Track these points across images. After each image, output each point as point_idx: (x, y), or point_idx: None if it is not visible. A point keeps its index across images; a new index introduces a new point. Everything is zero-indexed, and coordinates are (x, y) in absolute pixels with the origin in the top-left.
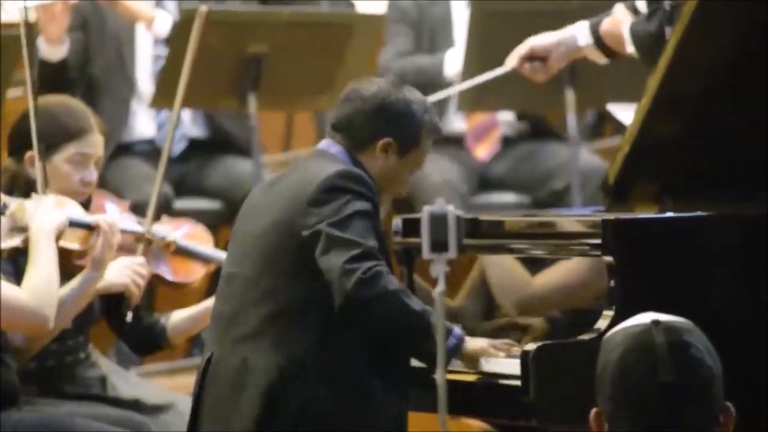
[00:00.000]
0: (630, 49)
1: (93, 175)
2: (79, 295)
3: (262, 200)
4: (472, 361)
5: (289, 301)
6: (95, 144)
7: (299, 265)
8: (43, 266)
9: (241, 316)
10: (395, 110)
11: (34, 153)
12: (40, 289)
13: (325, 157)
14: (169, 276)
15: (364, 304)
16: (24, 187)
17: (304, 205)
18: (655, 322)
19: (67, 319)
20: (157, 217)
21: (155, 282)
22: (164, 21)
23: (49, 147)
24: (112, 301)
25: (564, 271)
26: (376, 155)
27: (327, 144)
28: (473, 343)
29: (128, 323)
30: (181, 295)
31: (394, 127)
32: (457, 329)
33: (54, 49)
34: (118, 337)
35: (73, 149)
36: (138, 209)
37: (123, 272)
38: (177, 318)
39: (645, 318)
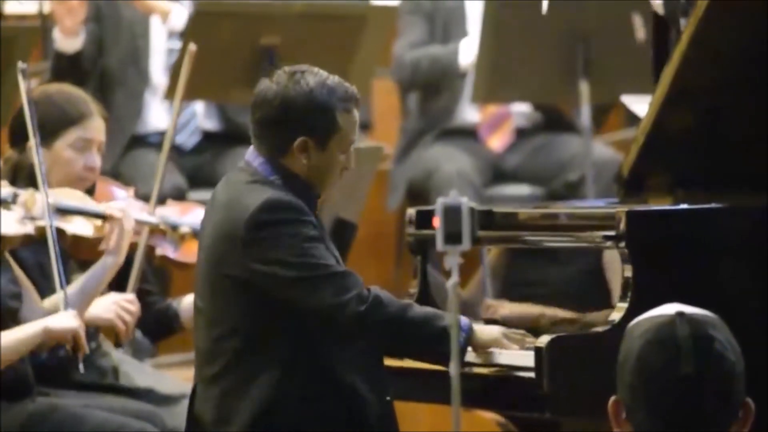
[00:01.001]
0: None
1: (96, 160)
2: (98, 281)
3: (204, 223)
4: (485, 350)
5: (251, 335)
6: (97, 129)
7: (249, 301)
8: (12, 342)
9: (211, 354)
10: (297, 107)
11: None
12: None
13: (248, 174)
14: (180, 258)
15: (370, 335)
16: (27, 177)
17: (239, 248)
18: (680, 314)
19: (88, 305)
20: (161, 203)
21: (168, 265)
22: (180, 14)
23: (51, 134)
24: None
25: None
26: (296, 157)
27: (252, 155)
28: (485, 333)
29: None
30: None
31: (303, 126)
32: (465, 320)
33: (69, 41)
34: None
35: (75, 135)
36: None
37: (110, 308)
38: (188, 301)
39: (670, 309)
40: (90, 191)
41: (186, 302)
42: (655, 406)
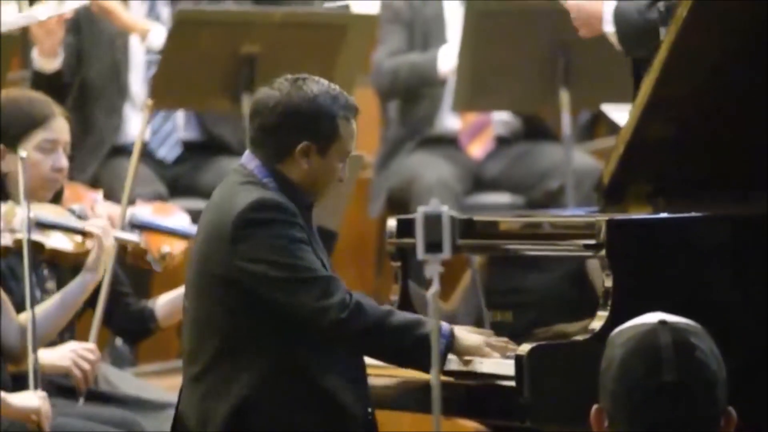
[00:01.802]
0: (608, 28)
1: (63, 160)
2: (75, 297)
3: (199, 229)
4: (466, 357)
5: (232, 336)
6: (61, 129)
7: (231, 301)
8: None
9: (195, 354)
10: (302, 113)
11: (1, 146)
12: None
13: (242, 175)
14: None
15: (351, 342)
16: None
17: (227, 245)
18: (662, 322)
19: (66, 318)
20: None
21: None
22: (158, 33)
23: (17, 137)
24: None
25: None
26: (297, 162)
27: (248, 158)
28: (467, 340)
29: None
30: (173, 276)
31: (306, 131)
32: (446, 326)
33: (48, 61)
34: (108, 326)
35: (40, 136)
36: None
37: (67, 356)
38: (163, 300)
39: (652, 318)
40: (59, 194)
41: (161, 301)
42: (637, 414)
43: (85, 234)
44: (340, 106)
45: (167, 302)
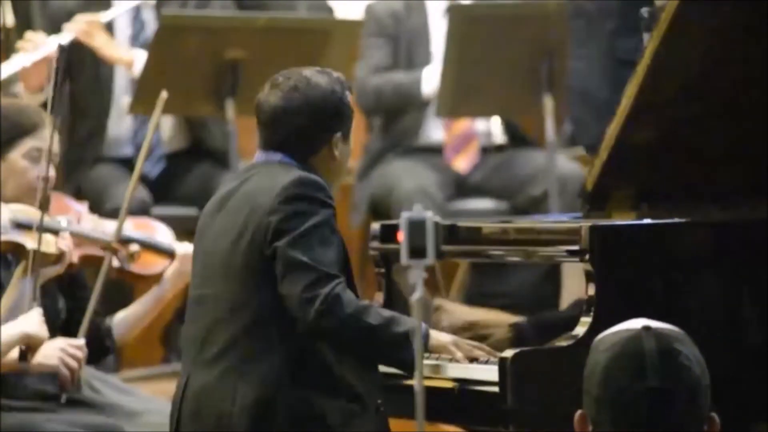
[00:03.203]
0: None
1: (50, 170)
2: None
3: (218, 219)
4: (437, 358)
5: (259, 313)
6: (50, 138)
7: (265, 277)
8: None
9: (213, 335)
10: (328, 109)
11: None
12: None
13: (275, 165)
14: (135, 270)
15: (325, 334)
16: None
17: (265, 217)
18: (646, 328)
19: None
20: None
21: (127, 278)
22: (142, 61)
23: (5, 144)
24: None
25: None
26: (330, 154)
27: (268, 155)
28: (438, 339)
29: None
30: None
31: (335, 124)
32: (423, 326)
33: (34, 96)
34: None
35: (29, 145)
36: (115, 215)
37: (55, 354)
38: (121, 315)
39: (636, 323)
40: (45, 204)
41: (118, 317)
42: (620, 420)
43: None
44: (345, 88)
45: (126, 315)
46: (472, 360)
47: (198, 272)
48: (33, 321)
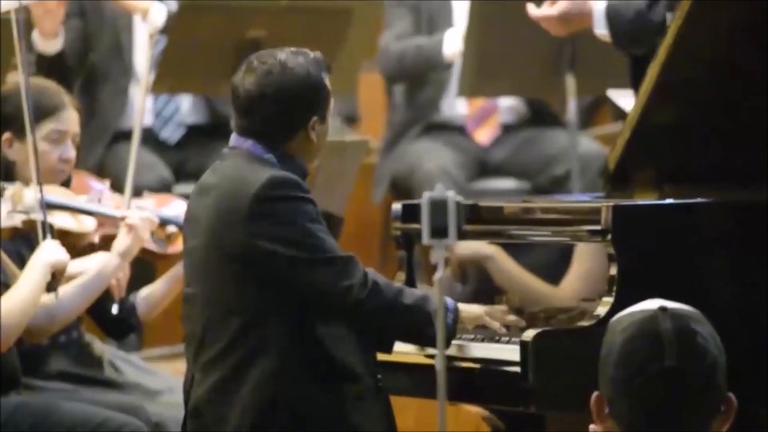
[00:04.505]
0: (599, 29)
1: (71, 152)
2: (101, 279)
3: (197, 212)
4: (460, 342)
5: (249, 315)
6: (70, 120)
7: (248, 279)
8: (25, 293)
9: (207, 339)
10: (303, 93)
11: (9, 135)
12: (12, 312)
13: (243, 156)
14: (162, 249)
15: (365, 321)
16: (3, 170)
17: (243, 224)
18: (663, 309)
19: (89, 302)
20: (137, 195)
21: (151, 258)
22: (159, 11)
23: (25, 126)
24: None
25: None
26: (307, 136)
27: (238, 140)
28: (469, 311)
29: (113, 315)
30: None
31: (312, 107)
32: (450, 301)
33: (49, 42)
34: (97, 325)
35: (50, 127)
36: (136, 194)
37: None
38: (145, 292)
39: (653, 304)
40: (66, 184)
41: (142, 293)
42: (637, 400)
43: (92, 214)
44: (322, 69)
45: (150, 292)
46: (496, 339)
47: (185, 267)
48: (48, 249)
